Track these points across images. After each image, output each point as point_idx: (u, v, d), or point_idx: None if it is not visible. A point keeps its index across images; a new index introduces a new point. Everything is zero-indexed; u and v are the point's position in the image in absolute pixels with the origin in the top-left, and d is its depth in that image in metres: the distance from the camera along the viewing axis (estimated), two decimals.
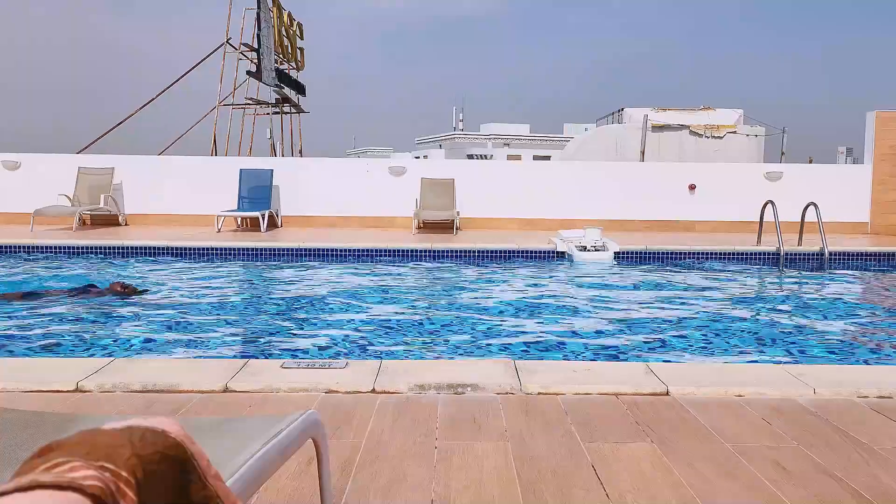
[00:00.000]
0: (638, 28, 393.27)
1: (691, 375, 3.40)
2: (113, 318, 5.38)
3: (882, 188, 11.49)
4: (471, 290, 6.84)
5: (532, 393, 3.09)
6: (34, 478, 0.55)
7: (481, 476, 2.26)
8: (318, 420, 1.54)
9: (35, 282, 6.74)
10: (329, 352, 4.57)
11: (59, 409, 2.76)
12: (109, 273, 7.43)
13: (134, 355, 4.44)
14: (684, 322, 5.57)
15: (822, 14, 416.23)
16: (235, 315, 5.63)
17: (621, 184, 11.65)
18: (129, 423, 0.68)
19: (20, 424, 1.44)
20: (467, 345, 4.80)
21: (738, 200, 11.26)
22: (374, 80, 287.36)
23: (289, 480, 2.17)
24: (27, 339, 4.71)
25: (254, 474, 1.26)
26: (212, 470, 0.72)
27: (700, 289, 7.15)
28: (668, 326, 5.40)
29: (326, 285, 6.96)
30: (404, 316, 5.62)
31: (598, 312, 5.91)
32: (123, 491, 0.59)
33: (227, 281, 7.25)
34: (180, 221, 11.21)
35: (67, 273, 7.40)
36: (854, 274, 8.34)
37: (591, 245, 8.56)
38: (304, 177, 11.59)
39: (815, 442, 2.56)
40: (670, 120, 20.84)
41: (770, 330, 5.40)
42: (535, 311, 5.92)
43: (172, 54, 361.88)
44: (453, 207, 10.94)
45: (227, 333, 5.02)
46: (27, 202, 10.43)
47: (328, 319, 5.47)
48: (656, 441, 2.56)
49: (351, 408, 2.87)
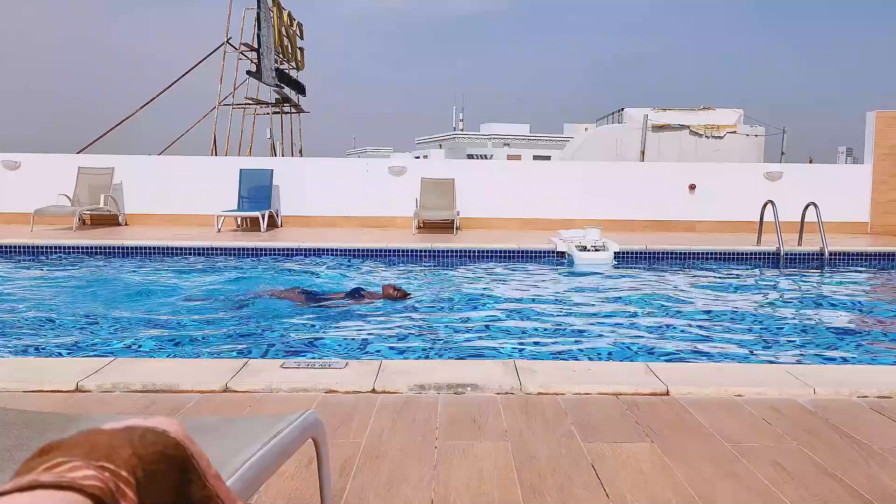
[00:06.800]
0: (638, 28, 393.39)
1: (691, 375, 3.40)
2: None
3: (882, 188, 11.49)
4: (471, 290, 6.84)
5: (532, 393, 3.09)
6: (34, 478, 0.55)
7: (481, 476, 2.26)
8: (318, 420, 1.54)
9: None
10: (329, 352, 4.57)
11: (59, 409, 2.75)
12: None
13: (133, 355, 4.45)
14: (684, 322, 5.57)
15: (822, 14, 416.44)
16: (235, 315, 5.63)
17: (621, 184, 11.65)
18: (129, 423, 0.68)
19: (20, 424, 1.44)
20: (467, 345, 4.80)
21: (738, 200, 11.25)
22: (374, 79, 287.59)
23: (289, 480, 2.17)
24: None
25: (254, 474, 1.26)
26: (212, 470, 0.72)
27: (700, 289, 7.15)
28: (667, 326, 5.40)
29: (326, 285, 6.95)
30: (404, 316, 5.62)
31: (598, 312, 5.91)
32: (123, 491, 0.59)
33: (226, 281, 7.25)
34: (180, 221, 11.20)
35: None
36: (854, 274, 8.34)
37: (591, 245, 8.56)
38: (304, 177, 11.59)
39: (815, 442, 2.56)
40: (670, 120, 20.85)
41: (770, 330, 5.40)
42: (535, 310, 5.91)
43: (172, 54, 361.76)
44: (453, 207, 10.93)
45: (228, 333, 5.02)
46: (27, 202, 10.42)
47: (328, 319, 5.47)
48: (656, 441, 2.56)
49: (351, 408, 2.87)
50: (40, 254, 8.59)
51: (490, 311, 5.86)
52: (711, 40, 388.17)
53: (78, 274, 7.52)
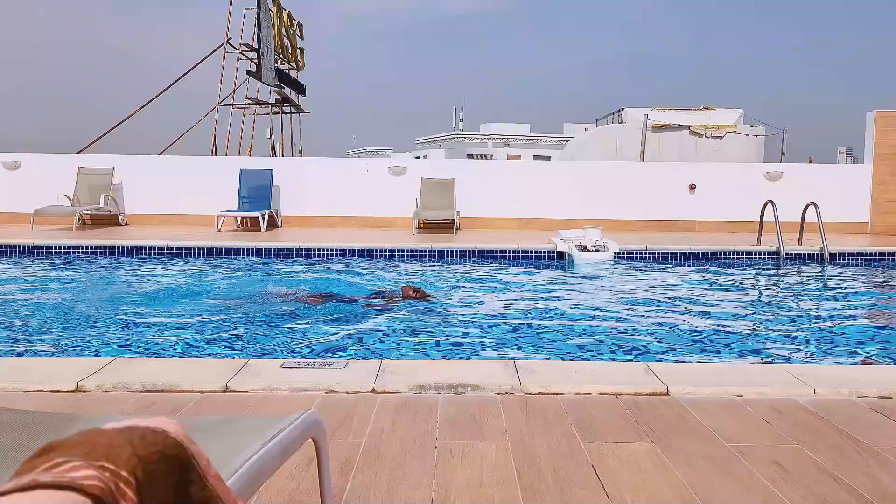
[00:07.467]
0: (638, 28, 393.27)
1: (691, 375, 3.40)
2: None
3: (882, 188, 11.49)
4: (470, 289, 6.84)
5: (532, 393, 3.09)
6: (34, 478, 0.55)
7: (481, 476, 2.26)
8: (318, 420, 1.54)
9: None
10: (329, 352, 4.57)
11: (59, 409, 2.76)
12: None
13: (133, 355, 4.44)
14: (684, 322, 5.57)
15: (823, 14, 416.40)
16: (235, 315, 5.63)
17: (621, 184, 11.65)
18: (129, 423, 0.68)
19: (20, 424, 1.44)
20: (467, 345, 4.80)
21: (738, 200, 11.25)
22: (374, 79, 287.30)
23: (289, 480, 2.17)
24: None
25: (254, 474, 1.26)
26: (212, 470, 0.72)
27: (700, 289, 7.15)
28: (667, 326, 5.40)
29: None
30: (404, 315, 5.62)
31: (597, 312, 5.91)
32: (123, 491, 0.59)
33: (226, 281, 7.25)
34: (180, 221, 11.20)
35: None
36: (854, 274, 8.34)
37: (591, 245, 8.56)
38: (304, 177, 11.59)
39: (815, 442, 2.56)
40: (670, 120, 20.84)
41: (770, 330, 5.40)
42: (535, 310, 5.92)
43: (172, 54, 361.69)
44: (453, 207, 10.93)
45: (228, 333, 5.02)
46: (27, 202, 10.42)
47: (328, 319, 5.47)
48: (656, 441, 2.56)
49: (351, 408, 2.87)
50: (40, 254, 8.59)
51: (490, 311, 5.86)
52: (711, 40, 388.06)
53: (78, 274, 7.52)
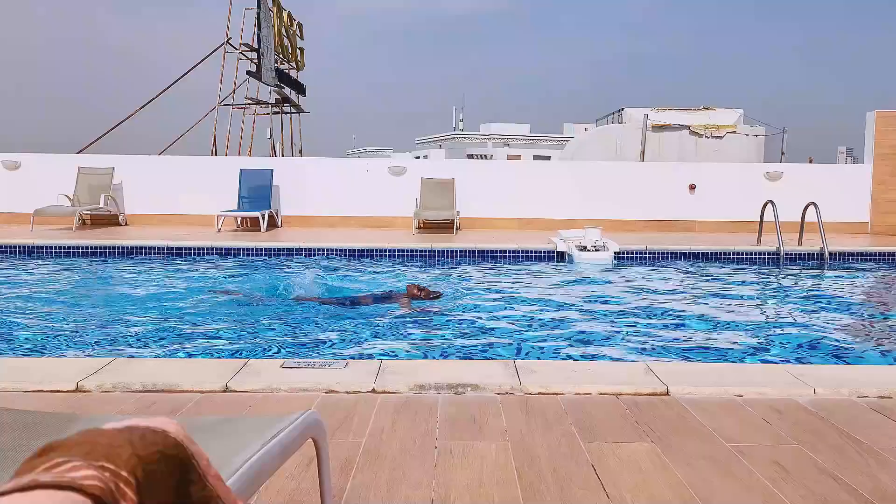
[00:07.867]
0: (638, 28, 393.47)
1: (691, 375, 3.40)
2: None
3: (882, 188, 11.49)
4: (470, 289, 6.84)
5: (532, 393, 3.09)
6: (34, 478, 0.55)
7: (481, 476, 2.26)
8: (318, 420, 1.54)
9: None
10: (329, 352, 4.57)
11: (59, 409, 2.75)
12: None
13: (133, 355, 4.44)
14: (684, 322, 5.57)
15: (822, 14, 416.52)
16: (235, 315, 5.63)
17: (621, 184, 11.65)
18: (129, 423, 0.68)
19: (20, 424, 1.44)
20: (467, 345, 4.80)
21: (738, 200, 11.25)
22: (374, 79, 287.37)
23: (289, 480, 2.17)
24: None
25: (254, 474, 1.26)
26: (212, 470, 0.72)
27: (700, 289, 7.15)
28: (668, 326, 5.40)
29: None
30: (404, 315, 5.62)
31: (597, 312, 5.91)
32: (123, 491, 0.59)
33: (226, 281, 7.25)
34: (180, 221, 11.20)
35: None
36: (854, 274, 8.33)
37: (591, 245, 8.56)
38: (304, 177, 11.59)
39: (815, 442, 2.56)
40: (670, 120, 20.85)
41: (770, 330, 5.40)
42: (534, 310, 5.91)
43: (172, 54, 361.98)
44: (453, 207, 10.93)
45: (228, 333, 5.02)
46: (27, 202, 10.42)
47: (328, 319, 5.47)
48: (656, 441, 2.56)
49: (351, 408, 2.87)
50: (40, 254, 8.59)
51: (490, 311, 5.86)
52: (711, 40, 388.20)
53: (78, 274, 7.52)
